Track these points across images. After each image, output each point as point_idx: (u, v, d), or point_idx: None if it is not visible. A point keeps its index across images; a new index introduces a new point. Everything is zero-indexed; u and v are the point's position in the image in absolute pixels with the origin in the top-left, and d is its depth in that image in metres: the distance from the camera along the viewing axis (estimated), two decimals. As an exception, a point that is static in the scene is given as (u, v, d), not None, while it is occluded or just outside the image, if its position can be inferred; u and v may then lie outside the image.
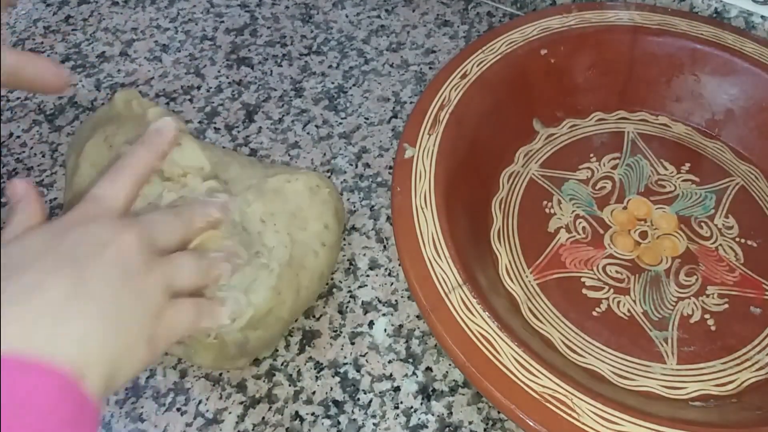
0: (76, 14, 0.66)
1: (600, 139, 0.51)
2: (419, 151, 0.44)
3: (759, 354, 0.41)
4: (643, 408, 0.34)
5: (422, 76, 0.58)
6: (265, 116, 0.56)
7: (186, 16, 0.65)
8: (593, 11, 0.52)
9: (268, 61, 0.61)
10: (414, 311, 0.44)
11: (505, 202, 0.48)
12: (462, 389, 0.41)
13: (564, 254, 0.45)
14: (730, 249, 0.45)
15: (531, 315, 0.42)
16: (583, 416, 0.33)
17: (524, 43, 0.50)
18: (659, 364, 0.40)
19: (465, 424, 0.39)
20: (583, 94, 0.52)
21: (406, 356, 0.42)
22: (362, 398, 0.41)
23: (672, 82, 0.52)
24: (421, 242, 0.39)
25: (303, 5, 0.66)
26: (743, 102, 0.50)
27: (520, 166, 0.50)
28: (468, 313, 0.36)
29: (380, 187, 0.51)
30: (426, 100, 0.47)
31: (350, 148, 0.54)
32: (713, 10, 0.55)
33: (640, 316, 0.42)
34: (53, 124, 0.56)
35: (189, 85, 0.59)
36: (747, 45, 0.50)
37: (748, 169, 0.49)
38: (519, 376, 0.34)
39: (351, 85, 0.58)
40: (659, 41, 0.51)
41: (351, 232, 0.48)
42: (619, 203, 0.48)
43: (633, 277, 0.44)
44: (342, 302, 0.45)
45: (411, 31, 0.62)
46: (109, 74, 0.60)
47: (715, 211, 0.47)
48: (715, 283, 0.44)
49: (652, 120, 0.52)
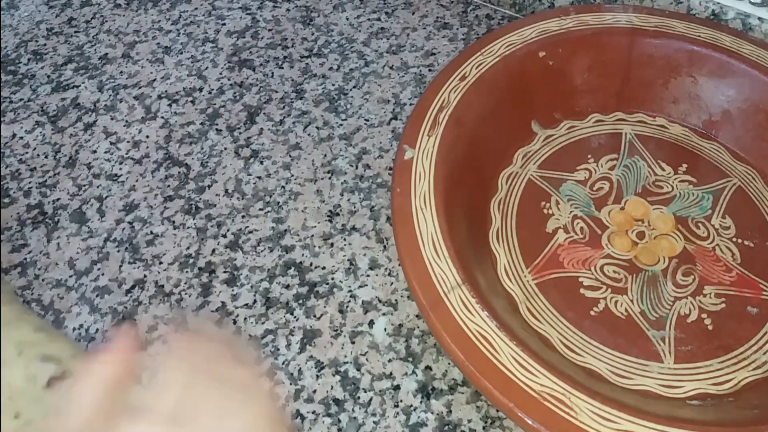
0: (78, 16, 0.67)
1: (598, 140, 0.52)
2: (419, 153, 0.44)
3: (756, 353, 0.41)
4: (640, 407, 0.35)
5: (422, 78, 0.59)
6: (267, 118, 0.57)
7: (188, 18, 0.66)
8: (591, 14, 0.53)
9: (269, 63, 0.61)
10: (414, 311, 0.45)
11: (504, 203, 0.48)
12: (461, 388, 0.41)
13: (562, 254, 0.45)
14: (727, 249, 0.45)
15: (529, 314, 0.43)
16: (581, 415, 0.33)
17: (523, 46, 0.51)
18: (657, 363, 0.40)
19: (464, 423, 0.40)
20: (581, 95, 0.53)
21: (406, 355, 0.43)
22: (362, 397, 0.41)
23: (669, 83, 0.52)
24: (420, 242, 0.40)
25: (304, 8, 0.66)
26: (740, 103, 0.50)
27: (518, 167, 0.50)
28: (467, 313, 0.37)
29: (380, 187, 0.51)
30: (425, 101, 0.47)
31: (350, 149, 0.54)
32: (710, 12, 0.56)
33: (638, 316, 0.42)
34: (56, 126, 0.57)
35: (191, 86, 0.59)
36: (744, 47, 0.50)
37: (745, 169, 0.50)
38: (517, 375, 0.34)
39: (351, 87, 0.59)
40: (657, 43, 0.51)
41: (351, 233, 0.49)
42: (617, 204, 0.48)
43: (630, 277, 0.44)
44: (342, 302, 0.45)
45: (411, 33, 0.63)
46: (111, 76, 0.61)
47: (712, 211, 0.47)
48: (712, 283, 0.44)
49: (650, 121, 0.53)
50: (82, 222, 0.51)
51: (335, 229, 0.49)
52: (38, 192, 0.53)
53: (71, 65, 0.62)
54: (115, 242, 0.49)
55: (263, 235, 0.49)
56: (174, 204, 0.51)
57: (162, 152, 0.55)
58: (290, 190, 0.51)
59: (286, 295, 0.46)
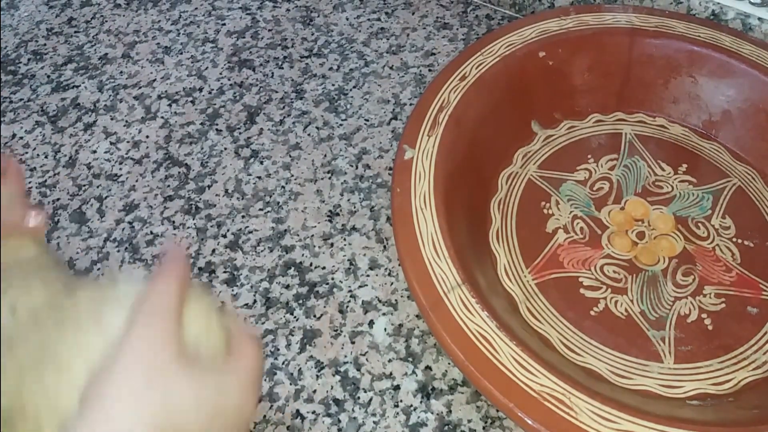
0: (78, 16, 0.67)
1: (598, 140, 0.52)
2: (419, 153, 0.44)
3: (756, 353, 0.41)
4: (640, 407, 0.35)
5: (422, 78, 0.59)
6: (267, 118, 0.57)
7: (188, 18, 0.66)
8: (591, 14, 0.53)
9: (269, 63, 0.61)
10: (414, 311, 0.45)
11: (504, 203, 0.48)
12: (461, 388, 0.41)
13: (562, 254, 0.45)
14: (727, 249, 0.45)
15: (529, 314, 0.43)
16: (581, 415, 0.33)
17: (523, 46, 0.51)
18: (657, 363, 0.40)
19: (464, 423, 0.40)
20: (581, 95, 0.53)
21: (406, 355, 0.43)
22: (362, 397, 0.41)
23: (669, 83, 0.52)
24: (420, 242, 0.40)
25: (304, 8, 0.66)
26: (740, 103, 0.50)
27: (518, 167, 0.50)
28: (467, 313, 0.37)
29: (380, 188, 0.51)
30: (425, 101, 0.47)
31: (350, 149, 0.54)
32: (710, 12, 0.56)
33: (638, 316, 0.42)
34: (56, 126, 0.57)
35: (191, 87, 0.59)
36: (744, 47, 0.50)
37: (745, 169, 0.50)
38: (517, 375, 0.34)
39: (351, 87, 0.59)
40: (657, 43, 0.51)
41: (351, 233, 0.49)
42: (617, 204, 0.48)
43: (630, 277, 0.44)
44: (342, 302, 0.45)
45: (411, 33, 0.63)
46: (111, 76, 0.61)
47: (712, 211, 0.47)
48: (712, 283, 0.44)
49: (650, 121, 0.53)
50: (82, 222, 0.51)
51: (335, 229, 0.49)
52: (38, 192, 0.53)
53: (71, 65, 0.62)
54: (115, 242, 0.49)
55: (263, 235, 0.49)
56: (174, 204, 0.51)
57: (162, 152, 0.55)
58: (290, 190, 0.51)
59: (286, 295, 0.46)
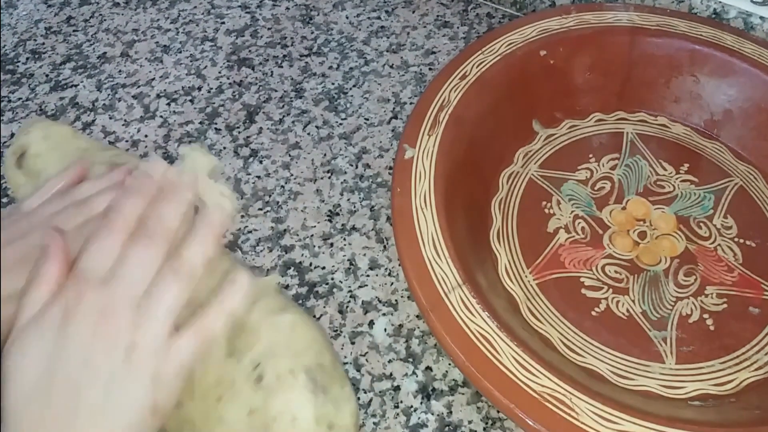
0: (77, 15, 0.67)
1: (599, 139, 0.52)
2: (419, 152, 0.44)
3: (758, 354, 0.41)
4: (641, 407, 0.35)
5: (422, 77, 0.59)
6: (266, 117, 0.56)
7: (187, 17, 0.66)
8: (592, 12, 0.52)
9: (268, 62, 0.61)
10: (414, 311, 0.44)
11: (505, 203, 0.48)
12: (461, 388, 0.41)
13: (563, 254, 0.45)
14: (728, 249, 0.45)
15: (530, 315, 0.42)
16: (582, 415, 0.33)
17: (523, 45, 0.50)
18: (658, 364, 0.40)
19: (464, 423, 0.40)
20: (582, 94, 0.53)
21: (406, 356, 0.42)
22: (362, 397, 0.41)
23: (671, 82, 0.52)
24: (420, 242, 0.39)
25: (303, 6, 0.66)
26: (742, 102, 0.50)
27: (519, 167, 0.50)
28: (467, 313, 0.37)
29: (380, 187, 0.51)
30: (426, 101, 0.47)
31: (350, 148, 0.54)
32: (712, 11, 0.55)
33: (639, 316, 0.42)
34: (54, 125, 0.57)
35: (190, 86, 0.59)
36: (746, 46, 0.50)
37: (747, 169, 0.49)
38: (518, 376, 0.34)
39: (351, 86, 0.58)
40: (658, 42, 0.51)
41: (351, 232, 0.48)
42: (618, 203, 0.48)
43: (632, 277, 0.44)
44: (342, 302, 0.45)
45: (411, 32, 0.63)
46: (110, 75, 0.60)
47: (714, 211, 0.47)
48: (714, 283, 0.44)
49: (651, 120, 0.53)
50: (81, 221, 0.50)
51: (335, 228, 0.49)
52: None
53: (70, 64, 0.62)
54: (114, 242, 0.49)
55: (262, 235, 0.49)
56: (173, 203, 0.51)
57: (161, 151, 0.54)
58: (290, 189, 0.51)
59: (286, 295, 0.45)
